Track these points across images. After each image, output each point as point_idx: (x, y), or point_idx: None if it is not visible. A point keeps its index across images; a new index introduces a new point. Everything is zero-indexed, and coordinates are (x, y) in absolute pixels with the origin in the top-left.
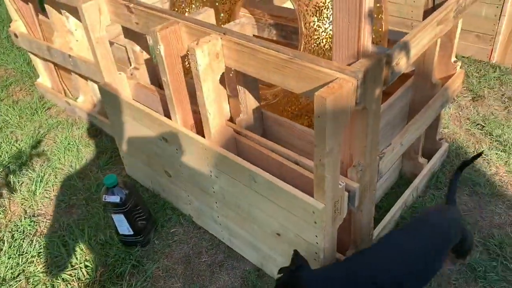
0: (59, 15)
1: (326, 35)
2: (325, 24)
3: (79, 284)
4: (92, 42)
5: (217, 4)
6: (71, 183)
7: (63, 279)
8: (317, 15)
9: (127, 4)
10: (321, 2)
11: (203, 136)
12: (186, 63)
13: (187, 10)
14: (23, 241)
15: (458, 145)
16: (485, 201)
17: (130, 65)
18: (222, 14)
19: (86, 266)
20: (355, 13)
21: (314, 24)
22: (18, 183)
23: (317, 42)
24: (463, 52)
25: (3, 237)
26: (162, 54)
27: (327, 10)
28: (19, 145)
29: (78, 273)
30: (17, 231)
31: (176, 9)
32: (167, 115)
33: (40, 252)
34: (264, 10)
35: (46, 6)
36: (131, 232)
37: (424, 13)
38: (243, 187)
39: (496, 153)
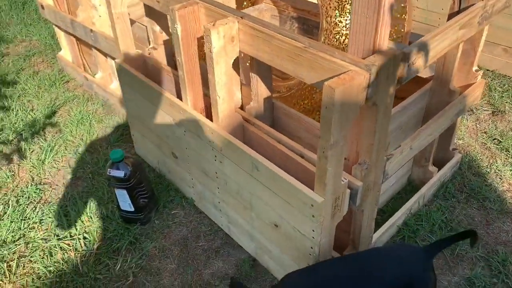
0: None
1: (346, 30)
2: (346, 20)
3: (75, 254)
4: (112, 18)
5: None
6: (80, 156)
7: (61, 247)
8: (339, 9)
9: None
10: None
11: (212, 120)
12: None
13: None
14: (27, 207)
15: (472, 158)
16: (493, 216)
17: (149, 45)
18: (245, 3)
19: (84, 238)
20: (374, 6)
21: (335, 19)
22: (29, 150)
23: (337, 37)
24: (488, 65)
25: (9, 201)
26: (179, 33)
27: (349, 5)
28: (34, 114)
29: (76, 243)
30: (22, 196)
31: None
32: (180, 96)
33: (42, 219)
34: (288, 2)
35: None
36: (132, 209)
37: (449, 16)
38: (245, 174)
39: (510, 170)
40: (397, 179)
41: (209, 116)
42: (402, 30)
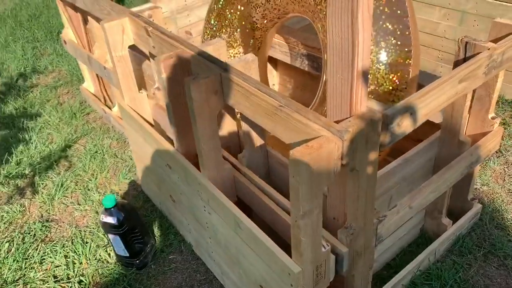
0: (98, 25)
1: None
2: None
3: None
4: (113, 61)
5: (247, 30)
6: (88, 192)
7: None
8: None
9: (146, 27)
10: None
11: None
12: None
13: (217, 34)
14: (31, 245)
15: (495, 207)
16: None
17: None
18: (252, 41)
19: (80, 282)
20: (348, 68)
21: None
22: (42, 185)
23: None
24: None
25: (14, 238)
26: (165, 83)
27: None
28: (52, 147)
29: (71, 287)
30: (28, 234)
31: (208, 32)
32: None
33: (43, 259)
34: (299, 39)
35: (89, 17)
36: (127, 254)
37: (454, 64)
38: (230, 230)
39: None
40: (407, 230)
41: None
42: (407, 76)
